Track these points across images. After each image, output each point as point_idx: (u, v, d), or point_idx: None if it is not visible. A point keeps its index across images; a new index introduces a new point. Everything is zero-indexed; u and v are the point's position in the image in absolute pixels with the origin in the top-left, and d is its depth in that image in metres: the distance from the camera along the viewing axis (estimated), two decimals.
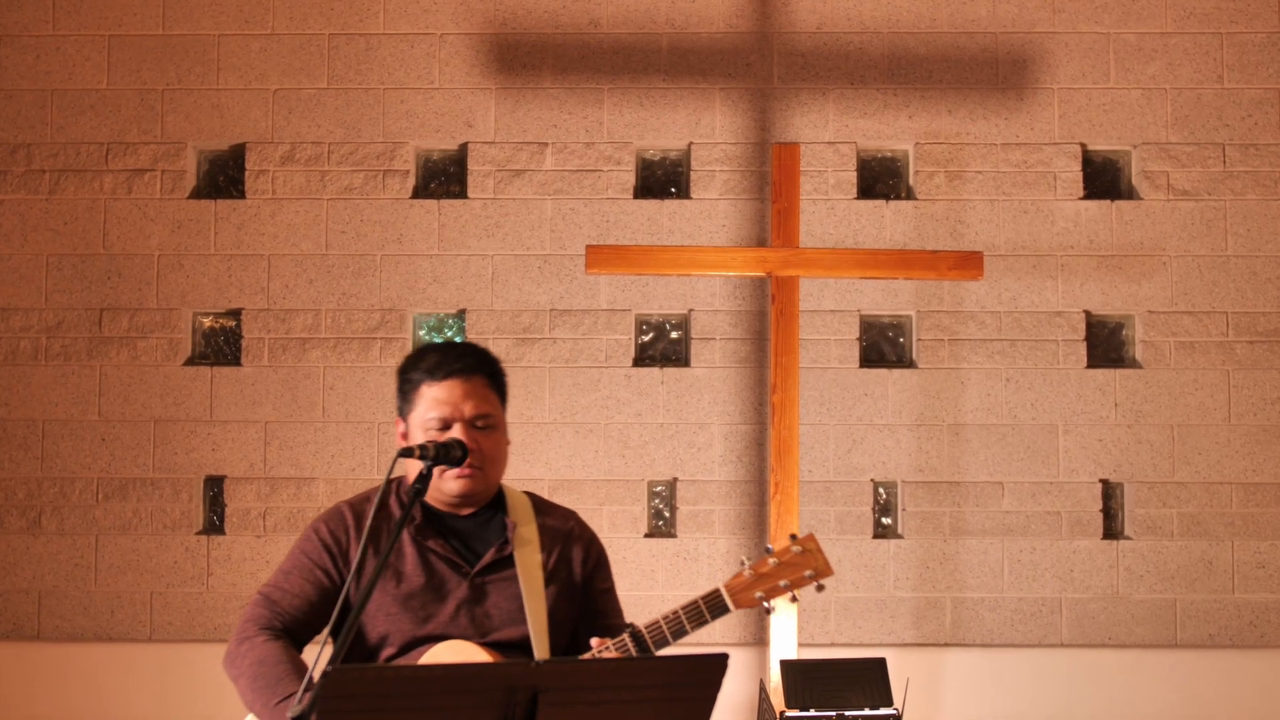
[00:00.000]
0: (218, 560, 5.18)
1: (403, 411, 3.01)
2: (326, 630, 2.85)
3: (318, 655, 2.53)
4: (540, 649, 2.88)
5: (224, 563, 5.17)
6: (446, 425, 2.92)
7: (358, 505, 3.06)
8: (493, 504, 3.04)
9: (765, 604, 2.83)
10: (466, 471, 2.90)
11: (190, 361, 5.28)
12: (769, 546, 2.91)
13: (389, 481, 3.04)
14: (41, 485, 5.20)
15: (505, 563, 2.97)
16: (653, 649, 2.77)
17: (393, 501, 3.04)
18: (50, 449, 5.21)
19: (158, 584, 5.17)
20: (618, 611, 3.09)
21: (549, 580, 2.98)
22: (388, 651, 2.92)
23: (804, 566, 2.85)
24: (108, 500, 5.19)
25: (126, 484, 5.19)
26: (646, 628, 2.78)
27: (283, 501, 5.17)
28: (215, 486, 5.26)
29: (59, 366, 5.23)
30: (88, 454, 5.20)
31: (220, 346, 5.34)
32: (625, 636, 2.77)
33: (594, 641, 2.79)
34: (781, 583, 2.83)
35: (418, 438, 2.94)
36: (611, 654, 2.75)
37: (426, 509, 3.01)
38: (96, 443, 5.21)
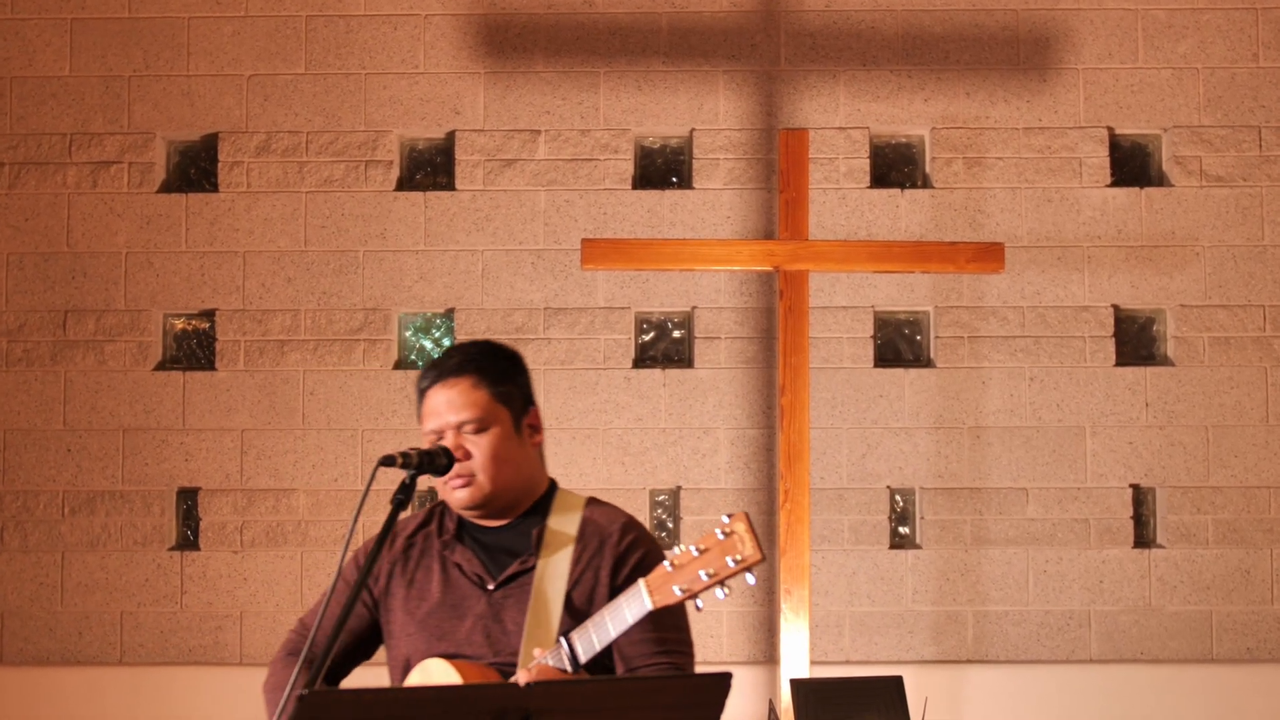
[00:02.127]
0: (192, 577, 5.17)
1: None
2: (302, 655, 2.84)
3: (293, 678, 2.52)
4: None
5: (199, 580, 5.17)
6: (439, 436, 2.92)
7: (402, 524, 3.07)
8: (534, 510, 3.00)
9: (693, 600, 2.59)
10: (458, 481, 2.88)
11: (161, 366, 5.28)
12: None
13: (439, 502, 3.05)
14: (3, 499, 5.19)
15: (531, 575, 2.91)
16: (581, 656, 2.68)
17: (434, 524, 3.04)
18: (12, 460, 5.20)
19: (128, 603, 5.16)
20: (656, 638, 2.86)
21: (571, 591, 2.89)
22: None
23: (727, 553, 2.54)
24: (74, 515, 5.18)
25: (94, 497, 5.19)
26: (576, 633, 2.70)
27: (260, 514, 5.17)
28: (189, 499, 5.25)
29: (20, 372, 5.22)
30: (52, 465, 5.20)
31: (193, 350, 5.34)
32: (560, 644, 2.69)
33: (536, 651, 2.75)
34: (702, 573, 2.56)
35: None
36: (548, 663, 2.67)
37: (462, 521, 3.00)
38: (62, 453, 5.20)
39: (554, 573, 2.89)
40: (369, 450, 5.17)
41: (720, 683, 2.31)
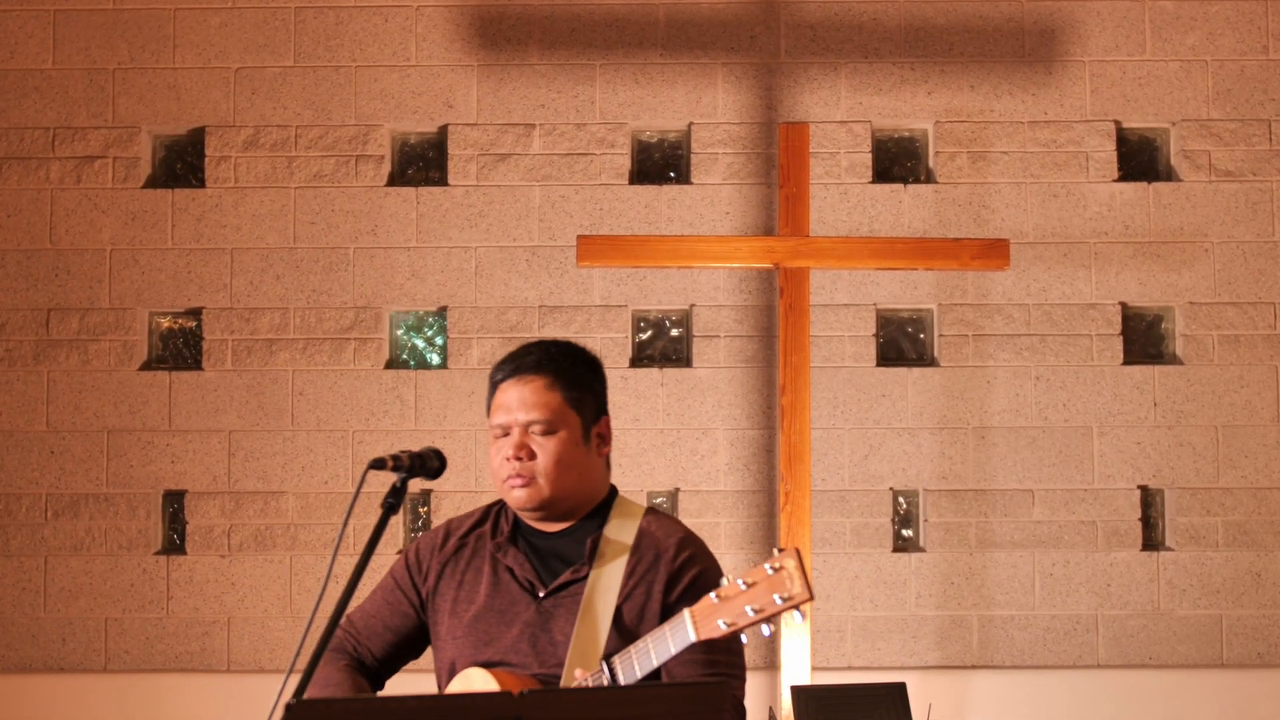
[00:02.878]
0: (178, 582, 5.16)
1: None
2: (295, 658, 2.83)
3: (282, 685, 2.50)
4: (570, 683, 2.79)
5: (185, 585, 5.15)
6: (506, 431, 2.92)
7: (457, 523, 3.07)
8: (592, 517, 2.99)
9: (738, 634, 2.60)
10: (518, 480, 2.88)
11: (147, 366, 5.26)
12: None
13: (497, 501, 3.03)
14: None
15: (583, 584, 2.90)
16: (621, 682, 2.68)
17: (489, 524, 3.04)
18: None
19: (113, 609, 5.15)
20: (707, 660, 2.84)
21: (622, 605, 2.87)
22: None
23: (775, 589, 2.55)
24: (57, 518, 5.16)
25: (78, 500, 5.17)
26: (619, 657, 2.71)
27: (248, 518, 5.15)
28: (175, 502, 5.24)
29: (2, 372, 5.20)
30: (35, 468, 5.18)
31: (179, 349, 5.32)
32: (601, 668, 2.70)
33: (578, 672, 2.75)
34: (748, 609, 2.57)
35: (491, 446, 2.95)
36: (588, 686, 2.68)
37: (518, 522, 2.99)
38: (44, 455, 5.19)
39: (606, 584, 2.88)
40: (360, 452, 5.16)
41: (718, 691, 2.30)
